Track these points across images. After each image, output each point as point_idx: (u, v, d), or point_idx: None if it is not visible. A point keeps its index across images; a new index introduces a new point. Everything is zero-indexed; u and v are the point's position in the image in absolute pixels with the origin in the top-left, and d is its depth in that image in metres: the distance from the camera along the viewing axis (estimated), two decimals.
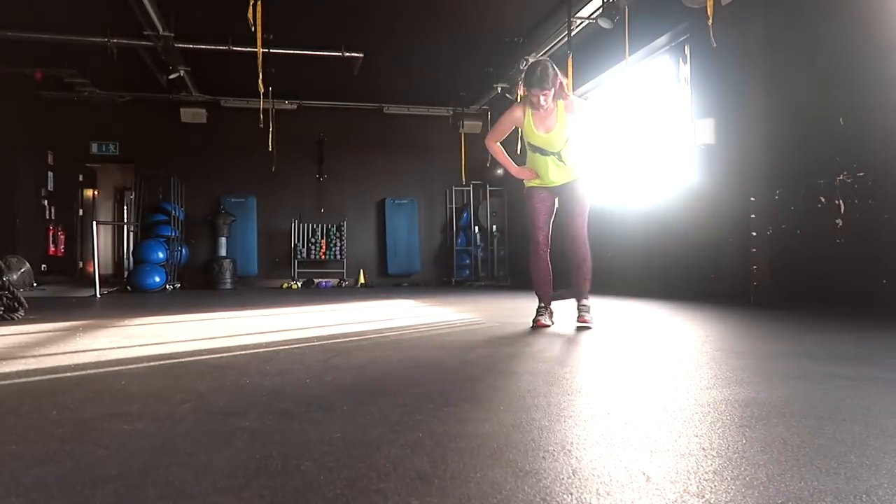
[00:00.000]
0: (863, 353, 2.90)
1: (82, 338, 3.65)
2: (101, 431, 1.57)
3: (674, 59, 7.54)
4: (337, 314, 5.45)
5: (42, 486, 1.18)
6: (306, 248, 12.28)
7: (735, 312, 5.02)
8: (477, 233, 12.97)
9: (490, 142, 4.31)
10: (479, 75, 10.57)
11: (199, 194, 11.97)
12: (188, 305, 6.62)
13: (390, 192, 12.89)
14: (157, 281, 9.93)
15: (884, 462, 1.31)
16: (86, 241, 12.24)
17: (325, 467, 1.28)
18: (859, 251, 5.00)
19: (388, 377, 2.36)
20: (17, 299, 4.95)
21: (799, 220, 5.60)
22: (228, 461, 1.33)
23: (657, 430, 1.58)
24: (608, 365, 2.68)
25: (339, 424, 1.63)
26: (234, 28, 7.93)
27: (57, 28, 8.34)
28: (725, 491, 1.15)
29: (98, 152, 12.15)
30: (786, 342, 3.38)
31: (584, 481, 1.21)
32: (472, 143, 12.73)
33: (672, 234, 7.11)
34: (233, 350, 3.13)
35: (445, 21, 8.59)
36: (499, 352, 3.07)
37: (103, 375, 2.47)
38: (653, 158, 8.01)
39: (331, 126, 12.53)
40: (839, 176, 5.17)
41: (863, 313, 4.58)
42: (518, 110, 4.13)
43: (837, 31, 5.26)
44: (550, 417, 1.73)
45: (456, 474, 1.24)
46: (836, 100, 5.23)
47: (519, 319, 4.71)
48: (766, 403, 1.87)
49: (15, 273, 8.19)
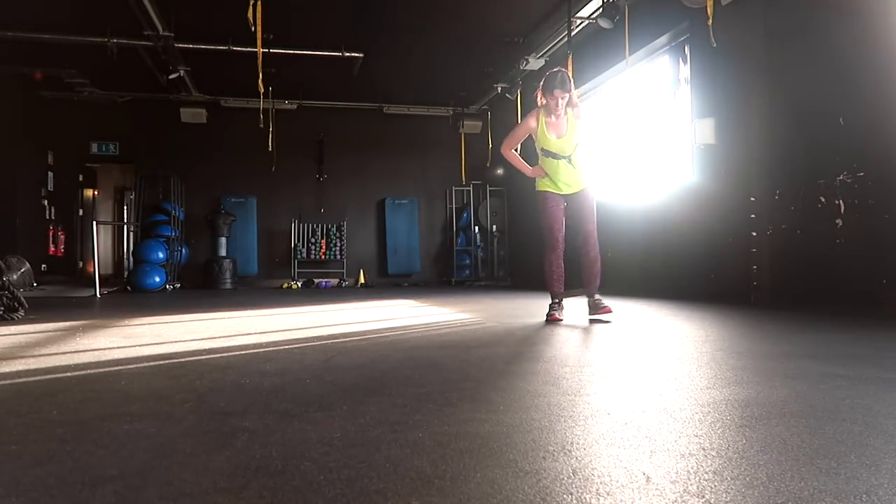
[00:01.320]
0: (863, 353, 2.90)
1: (82, 338, 3.65)
2: (101, 431, 1.57)
3: (674, 59, 7.54)
4: (337, 314, 5.45)
5: (42, 486, 1.18)
6: (306, 248, 12.29)
7: (735, 312, 5.02)
8: (477, 233, 12.97)
9: (506, 149, 4.74)
10: (479, 75, 10.57)
11: (199, 194, 11.97)
12: (188, 305, 6.61)
13: (390, 192, 12.89)
14: (157, 281, 9.93)
15: (884, 462, 1.31)
16: (86, 241, 12.24)
17: (325, 467, 1.28)
18: (859, 251, 5.00)
19: (388, 377, 2.36)
20: (17, 299, 4.95)
21: (799, 220, 5.60)
22: (228, 461, 1.33)
23: (657, 430, 1.58)
24: (608, 365, 2.68)
25: (339, 424, 1.63)
26: (234, 28, 7.93)
27: (57, 28, 8.34)
28: (725, 491, 1.15)
29: (98, 152, 12.14)
30: (786, 342, 3.37)
31: (584, 481, 1.21)
32: (472, 143, 12.74)
33: (672, 234, 7.11)
34: (233, 350, 3.13)
35: (445, 21, 8.59)
36: (499, 352, 3.07)
37: (103, 375, 2.47)
38: (653, 158, 8.01)
39: (331, 126, 12.54)
40: (839, 176, 5.17)
41: (863, 313, 4.58)
42: (532, 119, 4.58)
43: (838, 30, 5.25)
44: (550, 417, 1.73)
45: (456, 474, 1.24)
46: (836, 99, 5.23)
47: (519, 319, 4.72)
48: (766, 403, 1.87)
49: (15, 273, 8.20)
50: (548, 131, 4.50)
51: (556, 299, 4.57)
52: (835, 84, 5.26)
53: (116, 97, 11.61)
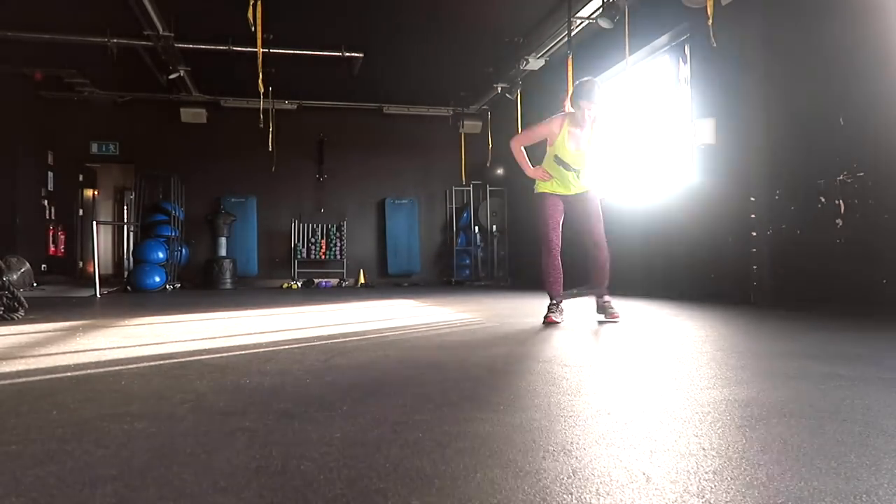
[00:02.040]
0: (863, 353, 2.90)
1: (82, 338, 3.65)
2: (101, 431, 1.57)
3: (674, 59, 7.53)
4: (337, 314, 5.45)
5: (42, 486, 1.18)
6: (306, 248, 12.29)
7: (735, 312, 5.02)
8: (477, 233, 12.97)
9: (516, 143, 4.51)
10: (479, 75, 10.56)
11: (199, 194, 11.97)
12: (188, 305, 6.61)
13: (390, 192, 12.89)
14: (157, 281, 9.93)
15: (884, 462, 1.31)
16: (86, 241, 12.23)
17: (325, 467, 1.28)
18: (859, 251, 5.00)
19: (388, 377, 2.36)
20: (17, 299, 4.95)
21: (799, 220, 5.60)
22: (228, 461, 1.33)
23: (657, 430, 1.57)
24: (608, 365, 2.68)
25: (339, 424, 1.63)
26: (234, 28, 7.93)
27: (57, 28, 8.34)
28: (725, 491, 1.15)
29: (98, 152, 12.14)
30: (786, 342, 3.38)
31: (584, 481, 1.21)
32: (472, 143, 12.74)
33: (672, 234, 7.11)
34: (233, 350, 3.13)
35: (445, 21, 8.59)
36: (498, 352, 3.07)
37: (103, 375, 2.46)
38: (653, 158, 8.00)
39: (331, 126, 12.54)
40: (839, 176, 5.17)
41: (863, 313, 4.58)
42: (556, 124, 4.33)
43: (838, 30, 5.25)
44: (550, 417, 1.73)
45: (456, 474, 1.24)
46: (836, 100, 5.23)
47: (519, 319, 4.72)
48: (766, 403, 1.87)
49: (15, 273, 8.19)
50: (568, 141, 4.29)
51: (554, 301, 4.47)
52: (835, 84, 5.26)
53: (116, 97, 11.61)
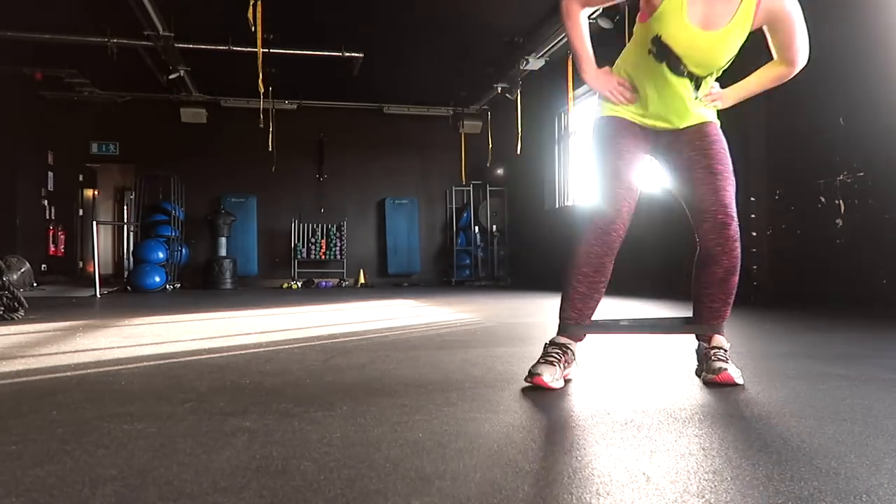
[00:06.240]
0: (863, 353, 2.90)
1: (82, 338, 3.65)
2: (101, 431, 1.57)
3: None
4: (337, 314, 5.45)
5: (42, 486, 1.18)
6: (306, 248, 12.29)
7: (735, 312, 4.99)
8: (477, 233, 12.97)
9: (574, 6, 2.39)
10: (479, 75, 10.56)
11: (199, 194, 11.97)
12: (188, 305, 6.61)
13: (390, 192, 12.89)
14: (157, 281, 9.92)
15: (884, 462, 1.31)
16: (86, 241, 12.24)
17: (325, 467, 1.28)
18: (859, 251, 5.00)
19: (388, 377, 2.36)
20: (17, 299, 4.95)
21: (799, 220, 5.60)
22: (228, 461, 1.33)
23: (657, 430, 1.57)
24: (608, 365, 2.68)
25: (339, 424, 1.63)
26: (234, 28, 7.93)
27: (57, 28, 8.34)
28: (725, 491, 1.15)
29: (98, 152, 12.15)
30: (786, 342, 3.38)
31: (584, 481, 1.21)
32: (472, 143, 12.73)
33: (672, 234, 7.10)
34: (233, 350, 3.13)
35: (445, 21, 8.59)
36: (498, 352, 3.06)
37: (103, 375, 2.46)
38: None
39: (331, 126, 12.54)
40: (839, 176, 5.17)
41: (863, 313, 4.58)
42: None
43: (838, 30, 5.25)
44: (550, 417, 1.73)
45: (456, 474, 1.24)
46: (836, 100, 5.23)
47: (519, 320, 4.72)
48: (766, 403, 1.87)
49: (15, 273, 8.19)
50: (689, 7, 2.12)
51: (563, 334, 2.27)
52: (835, 84, 5.26)
53: (116, 97, 11.61)
